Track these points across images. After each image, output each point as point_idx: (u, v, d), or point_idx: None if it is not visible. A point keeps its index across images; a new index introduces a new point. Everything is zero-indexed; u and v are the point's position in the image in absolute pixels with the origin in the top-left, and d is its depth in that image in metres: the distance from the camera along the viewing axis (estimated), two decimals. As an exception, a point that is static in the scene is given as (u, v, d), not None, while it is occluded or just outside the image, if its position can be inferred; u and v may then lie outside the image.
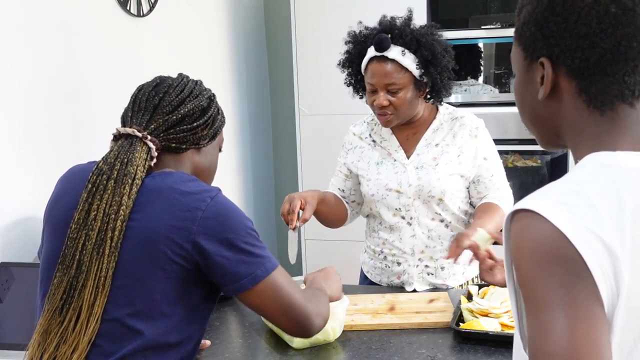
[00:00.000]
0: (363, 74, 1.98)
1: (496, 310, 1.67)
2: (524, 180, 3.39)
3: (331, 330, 1.64)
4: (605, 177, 0.80)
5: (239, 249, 1.25)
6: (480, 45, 3.28)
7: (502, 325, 1.63)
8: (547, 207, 0.76)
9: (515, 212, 0.79)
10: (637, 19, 0.81)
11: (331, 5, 3.30)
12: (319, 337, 1.62)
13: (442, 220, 2.01)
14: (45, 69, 2.00)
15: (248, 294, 1.27)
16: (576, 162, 0.88)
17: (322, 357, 1.61)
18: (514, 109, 1.14)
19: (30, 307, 1.54)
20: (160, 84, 1.36)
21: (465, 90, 3.28)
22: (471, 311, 1.71)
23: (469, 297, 1.80)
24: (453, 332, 1.65)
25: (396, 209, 2.01)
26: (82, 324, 1.20)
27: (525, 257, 0.76)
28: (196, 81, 1.41)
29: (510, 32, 1.35)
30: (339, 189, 2.16)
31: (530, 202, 0.78)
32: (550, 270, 0.73)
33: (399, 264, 2.05)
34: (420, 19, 3.15)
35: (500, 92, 3.24)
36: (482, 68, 3.34)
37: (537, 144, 0.97)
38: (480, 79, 3.33)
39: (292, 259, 1.91)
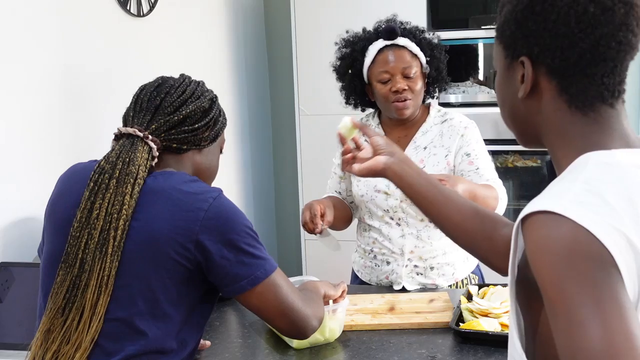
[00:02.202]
0: (366, 71, 1.99)
1: (496, 311, 1.67)
2: (524, 180, 3.38)
3: (331, 331, 1.64)
4: (611, 175, 0.79)
5: (240, 250, 1.25)
6: (480, 45, 3.27)
7: (502, 325, 1.63)
8: (567, 207, 0.74)
9: (528, 216, 0.77)
10: (615, 18, 0.81)
11: (331, 5, 3.30)
12: (319, 337, 1.62)
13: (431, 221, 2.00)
14: (45, 69, 2.00)
15: (247, 295, 1.27)
16: (556, 161, 0.88)
17: (322, 357, 1.61)
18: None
19: (30, 307, 1.54)
20: (162, 84, 1.36)
21: (464, 92, 3.27)
22: (471, 311, 1.71)
23: (469, 297, 1.80)
24: (453, 332, 1.65)
25: (385, 210, 2.02)
26: (84, 323, 1.20)
27: (549, 258, 0.74)
28: (198, 82, 1.41)
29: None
30: (335, 191, 2.17)
31: (545, 203, 0.76)
32: (579, 269, 0.72)
33: (388, 263, 2.06)
34: (420, 19, 3.16)
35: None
36: (482, 68, 3.33)
37: None
38: (480, 79, 3.32)
39: (337, 247, 1.92)
